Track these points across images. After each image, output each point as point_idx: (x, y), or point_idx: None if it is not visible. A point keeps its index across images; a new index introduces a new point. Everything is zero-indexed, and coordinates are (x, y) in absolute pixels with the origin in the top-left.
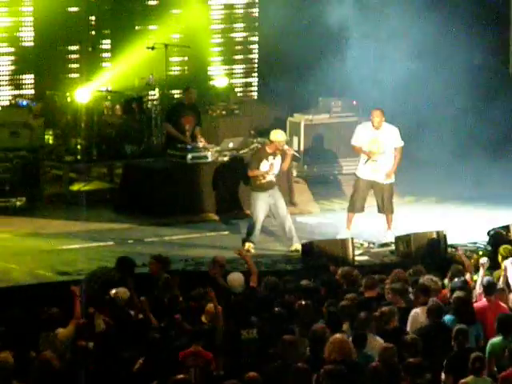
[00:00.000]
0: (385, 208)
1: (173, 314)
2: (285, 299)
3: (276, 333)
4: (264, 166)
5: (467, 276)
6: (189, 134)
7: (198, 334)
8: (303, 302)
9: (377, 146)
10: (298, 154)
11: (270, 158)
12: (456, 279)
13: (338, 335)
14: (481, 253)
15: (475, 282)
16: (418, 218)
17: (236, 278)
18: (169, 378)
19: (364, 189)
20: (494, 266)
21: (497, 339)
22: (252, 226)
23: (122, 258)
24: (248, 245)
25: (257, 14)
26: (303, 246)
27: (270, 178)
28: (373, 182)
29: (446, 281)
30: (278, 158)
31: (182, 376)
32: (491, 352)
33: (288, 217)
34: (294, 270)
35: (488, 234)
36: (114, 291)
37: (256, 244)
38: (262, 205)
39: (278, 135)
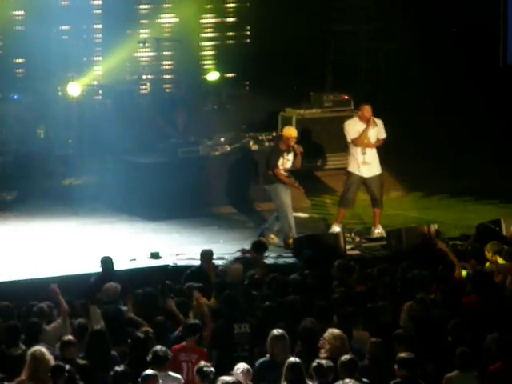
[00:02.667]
0: (375, 203)
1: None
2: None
3: (268, 327)
4: (280, 162)
5: (456, 270)
6: (181, 128)
7: (191, 328)
8: (290, 297)
9: (366, 139)
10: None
11: (285, 154)
12: (444, 274)
13: (335, 330)
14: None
15: (465, 275)
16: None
17: (236, 269)
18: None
19: (356, 184)
20: (481, 260)
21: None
22: (284, 219)
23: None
24: (291, 240)
25: (248, 8)
26: (295, 240)
27: (285, 175)
28: (364, 177)
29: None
30: (291, 154)
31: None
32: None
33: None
34: (286, 264)
35: (477, 228)
36: (106, 286)
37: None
38: (284, 190)
39: (291, 131)
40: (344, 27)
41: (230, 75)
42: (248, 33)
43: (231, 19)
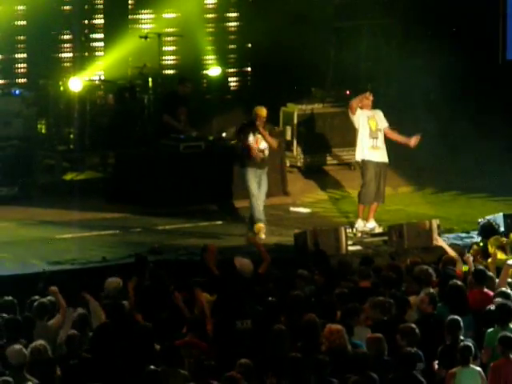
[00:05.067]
0: (380, 195)
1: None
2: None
3: (270, 323)
4: (250, 138)
5: (457, 266)
6: (183, 124)
7: (193, 323)
8: (295, 292)
9: (375, 123)
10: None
11: (256, 132)
12: (447, 269)
13: (335, 325)
14: (475, 246)
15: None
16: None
17: (246, 264)
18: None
19: (375, 173)
20: (486, 256)
21: (493, 329)
22: (252, 205)
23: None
24: (258, 226)
25: (251, 3)
26: (296, 235)
27: (259, 154)
28: (377, 163)
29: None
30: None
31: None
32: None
33: (263, 201)
34: (288, 258)
35: (478, 224)
36: (108, 281)
37: (264, 222)
38: (253, 178)
39: (261, 110)
40: (345, 23)
41: (232, 70)
42: (250, 28)
43: (233, 14)
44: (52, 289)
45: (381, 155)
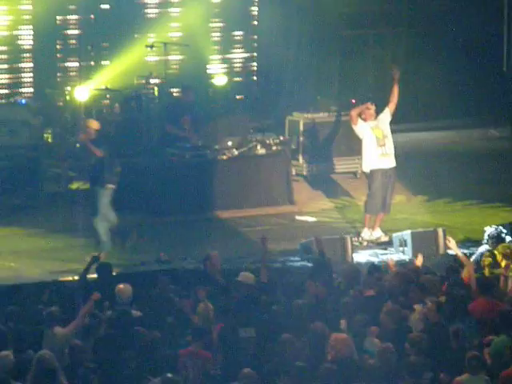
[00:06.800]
0: (387, 205)
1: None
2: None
3: (274, 331)
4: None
5: (463, 272)
6: (188, 132)
7: (197, 333)
8: (299, 301)
9: (380, 131)
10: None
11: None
12: (453, 277)
13: (340, 334)
14: (487, 254)
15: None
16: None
17: (248, 278)
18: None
19: (382, 184)
20: (495, 265)
21: (501, 338)
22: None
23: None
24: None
25: (256, 12)
26: (302, 244)
27: None
28: (384, 172)
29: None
30: None
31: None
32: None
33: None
34: (293, 267)
35: (485, 232)
36: (121, 288)
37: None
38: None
39: (90, 121)
40: (352, 32)
41: (238, 79)
42: (255, 36)
43: (239, 23)
44: (96, 294)
45: (390, 161)
